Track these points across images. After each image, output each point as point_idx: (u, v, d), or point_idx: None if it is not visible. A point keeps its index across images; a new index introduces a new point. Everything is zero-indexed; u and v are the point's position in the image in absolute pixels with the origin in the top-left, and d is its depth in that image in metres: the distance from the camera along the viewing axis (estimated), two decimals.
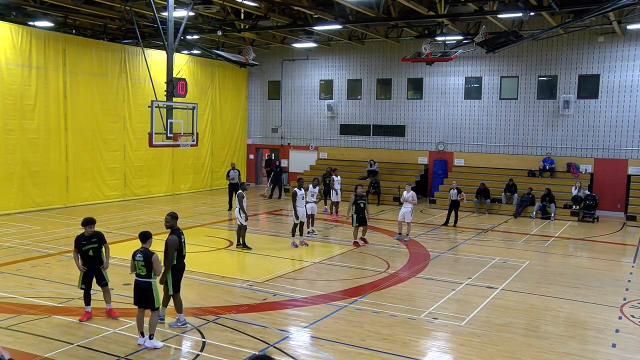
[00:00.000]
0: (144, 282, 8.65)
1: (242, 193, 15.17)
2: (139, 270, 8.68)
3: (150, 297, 8.59)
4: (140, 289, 8.66)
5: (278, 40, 27.75)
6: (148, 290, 8.61)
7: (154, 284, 8.67)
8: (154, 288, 8.65)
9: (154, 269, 8.60)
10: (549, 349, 8.84)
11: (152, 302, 8.60)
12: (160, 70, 21.55)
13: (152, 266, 8.57)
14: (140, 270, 8.67)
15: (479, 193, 23.29)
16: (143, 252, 8.67)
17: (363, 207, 15.98)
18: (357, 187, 16.23)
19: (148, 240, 8.85)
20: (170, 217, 9.38)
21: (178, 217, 9.54)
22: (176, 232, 9.29)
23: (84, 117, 22.85)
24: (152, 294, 8.60)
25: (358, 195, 15.98)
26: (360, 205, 15.87)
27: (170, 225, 9.34)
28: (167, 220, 9.39)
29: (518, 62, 24.99)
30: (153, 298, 8.60)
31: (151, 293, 8.60)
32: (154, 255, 8.59)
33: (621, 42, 23.02)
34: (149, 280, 8.65)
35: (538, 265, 14.54)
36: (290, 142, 31.08)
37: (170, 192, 27.16)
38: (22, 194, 20.80)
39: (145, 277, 8.65)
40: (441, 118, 26.89)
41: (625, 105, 23.13)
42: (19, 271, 12.72)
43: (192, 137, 17.76)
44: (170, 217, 9.39)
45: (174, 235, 9.20)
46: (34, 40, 20.91)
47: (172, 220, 9.37)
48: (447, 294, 11.59)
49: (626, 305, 11.20)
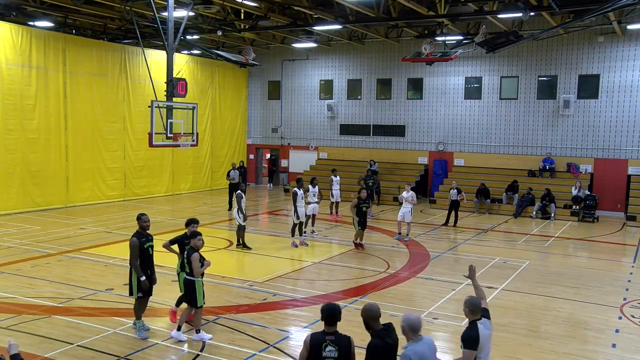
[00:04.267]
0: (188, 279, 8.79)
1: (240, 193, 15.16)
2: (185, 267, 8.85)
3: (193, 294, 8.70)
4: (184, 284, 8.86)
5: (278, 40, 27.76)
6: (191, 288, 8.74)
7: (197, 282, 8.74)
8: (197, 286, 8.72)
9: (193, 268, 8.66)
10: (549, 349, 8.84)
11: (194, 299, 8.72)
12: (160, 70, 21.55)
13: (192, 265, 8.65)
14: (185, 267, 8.85)
15: (479, 193, 23.29)
16: (187, 250, 8.86)
17: (365, 211, 15.61)
18: (360, 191, 15.69)
19: (193, 239, 8.98)
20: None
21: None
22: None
23: (84, 117, 22.85)
24: (195, 292, 8.70)
25: (361, 199, 15.41)
26: (362, 209, 15.43)
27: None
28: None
29: (518, 62, 24.99)
30: (195, 296, 8.70)
31: (194, 291, 8.70)
32: (194, 255, 8.65)
33: (621, 42, 23.02)
34: (192, 278, 8.73)
35: (538, 265, 14.54)
36: (290, 142, 31.08)
37: (170, 192, 27.16)
38: (22, 194, 20.81)
39: (189, 275, 8.77)
40: (441, 118, 26.89)
41: (625, 105, 23.13)
42: (19, 271, 12.72)
43: (192, 137, 17.78)
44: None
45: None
46: (34, 40, 20.91)
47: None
48: (447, 294, 11.59)
49: (626, 305, 11.20)
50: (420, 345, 5.10)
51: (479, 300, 5.87)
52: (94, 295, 11.04)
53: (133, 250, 8.83)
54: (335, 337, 5.21)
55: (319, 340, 5.21)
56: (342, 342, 5.19)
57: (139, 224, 9.06)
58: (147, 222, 9.10)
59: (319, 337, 5.22)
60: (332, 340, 5.18)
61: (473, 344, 5.52)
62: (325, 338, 5.19)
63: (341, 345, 5.18)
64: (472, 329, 5.61)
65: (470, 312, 5.74)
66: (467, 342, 5.57)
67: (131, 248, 8.83)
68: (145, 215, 9.19)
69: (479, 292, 6.42)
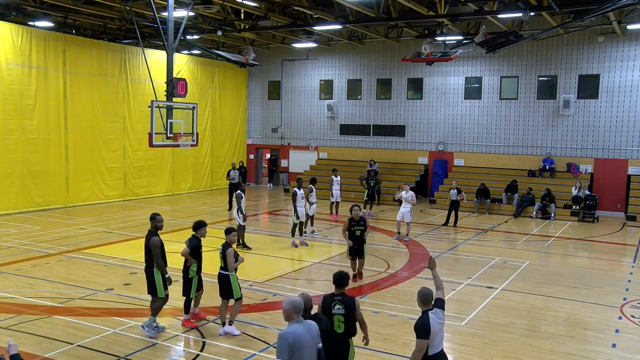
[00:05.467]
0: (222, 274, 9.06)
1: (240, 193, 15.17)
2: (220, 262, 9.09)
3: (229, 288, 8.99)
4: (219, 280, 9.12)
5: (278, 40, 27.76)
6: (226, 282, 9.00)
7: (231, 277, 8.99)
8: (232, 280, 8.99)
9: (227, 263, 8.93)
10: (549, 349, 8.84)
11: (231, 293, 9.00)
12: (160, 70, 21.55)
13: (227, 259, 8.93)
14: (220, 263, 9.08)
15: (479, 193, 23.29)
16: (223, 246, 9.10)
17: (360, 236, 12.07)
18: (352, 208, 12.21)
19: (228, 235, 9.27)
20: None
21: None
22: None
23: (84, 117, 22.85)
24: (231, 286, 8.98)
25: (354, 219, 12.09)
26: (355, 232, 12.05)
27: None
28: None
29: (518, 62, 24.99)
30: (232, 289, 8.99)
31: (229, 285, 8.98)
32: (229, 250, 8.97)
33: (621, 42, 23.02)
34: (227, 273, 8.98)
35: (538, 265, 14.54)
36: (290, 142, 31.08)
37: (170, 192, 27.16)
38: (22, 194, 20.81)
39: (224, 270, 9.03)
40: (441, 118, 26.90)
41: (625, 105, 23.13)
42: (19, 271, 12.72)
43: (192, 137, 17.77)
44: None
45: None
46: (34, 41, 20.91)
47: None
48: (447, 294, 11.53)
49: (626, 305, 11.20)
50: (299, 327, 5.22)
51: (430, 291, 6.04)
52: (94, 295, 11.04)
53: (157, 249, 8.88)
54: (342, 297, 6.43)
55: (329, 300, 6.43)
56: (347, 302, 6.40)
57: (153, 223, 9.06)
58: (162, 222, 9.20)
59: (329, 298, 6.46)
60: (339, 300, 6.39)
61: (424, 333, 5.78)
62: (334, 298, 6.41)
63: (346, 303, 6.40)
64: (423, 319, 5.87)
65: (422, 302, 5.98)
66: (418, 332, 5.82)
67: (155, 247, 8.86)
68: (160, 215, 9.25)
69: (437, 282, 6.64)
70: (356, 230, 11.96)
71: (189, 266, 9.34)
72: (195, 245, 9.41)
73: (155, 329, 8.99)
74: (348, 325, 6.41)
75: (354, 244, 12.05)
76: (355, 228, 11.99)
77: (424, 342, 5.80)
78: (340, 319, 6.37)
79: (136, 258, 14.06)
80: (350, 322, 6.41)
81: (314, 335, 5.29)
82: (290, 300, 5.32)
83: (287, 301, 5.32)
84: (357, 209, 12.11)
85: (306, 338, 5.17)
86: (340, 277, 6.50)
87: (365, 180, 22.49)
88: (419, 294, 6.01)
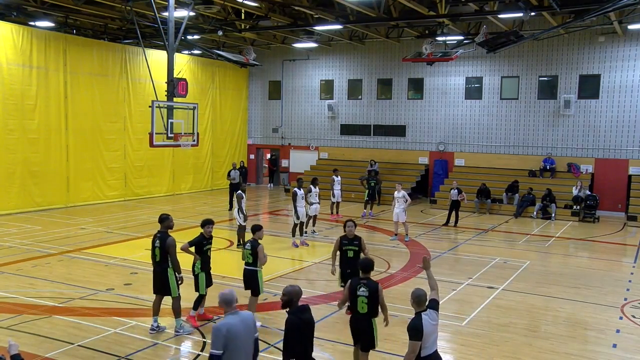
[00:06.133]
0: (250, 270, 9.41)
1: (241, 193, 15.17)
2: (247, 258, 9.42)
3: (256, 283, 9.35)
4: (246, 275, 9.45)
5: (279, 40, 27.76)
6: (253, 277, 9.35)
7: (258, 272, 9.38)
8: (259, 276, 9.38)
9: (259, 259, 9.29)
10: (549, 349, 8.84)
11: (256, 288, 9.36)
12: (160, 70, 21.54)
13: (258, 255, 9.30)
14: (247, 259, 9.42)
15: (480, 193, 23.29)
16: (252, 243, 9.42)
17: (353, 257, 9.59)
18: (346, 224, 9.87)
19: (257, 232, 9.56)
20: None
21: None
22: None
23: (85, 117, 22.86)
24: (257, 281, 9.34)
25: (347, 237, 9.76)
26: (347, 253, 9.68)
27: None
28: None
29: (519, 62, 24.99)
30: (258, 285, 9.35)
31: (256, 280, 9.34)
32: (260, 246, 9.33)
33: (622, 42, 23.01)
34: (255, 269, 9.34)
35: (539, 265, 14.54)
36: (291, 142, 31.09)
37: (171, 192, 27.17)
38: (23, 194, 20.82)
39: (251, 265, 9.38)
40: (442, 118, 26.89)
41: (626, 105, 23.11)
42: (20, 271, 12.73)
43: (192, 137, 17.77)
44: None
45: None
46: (35, 41, 20.92)
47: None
48: (447, 294, 11.59)
49: (627, 305, 11.20)
50: (234, 319, 5.39)
51: (423, 292, 6.08)
52: (95, 295, 11.05)
53: (174, 249, 8.96)
54: (367, 281, 7.09)
55: (356, 283, 7.11)
56: (372, 286, 7.05)
57: (166, 223, 9.13)
58: (173, 222, 9.33)
59: (356, 281, 7.13)
60: (364, 283, 7.06)
61: (417, 334, 5.83)
62: (360, 282, 7.09)
63: (370, 287, 7.05)
64: (416, 320, 5.92)
65: (415, 303, 6.05)
66: (411, 333, 5.88)
67: (172, 247, 8.93)
68: (171, 215, 9.35)
69: (431, 282, 6.66)
70: (349, 251, 9.63)
71: (194, 263, 9.46)
72: (198, 242, 9.45)
73: (157, 329, 9.03)
74: (370, 307, 7.07)
75: (347, 268, 9.61)
76: (348, 248, 9.69)
77: (416, 344, 5.83)
78: (363, 300, 7.04)
79: (137, 258, 14.10)
80: (373, 304, 7.06)
81: (249, 326, 5.46)
82: (221, 294, 5.53)
83: (219, 295, 5.55)
84: (351, 225, 9.79)
85: (240, 329, 5.35)
86: (367, 263, 7.27)
87: (365, 180, 22.52)
88: (413, 295, 6.07)
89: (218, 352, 5.21)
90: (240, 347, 5.32)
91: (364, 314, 7.07)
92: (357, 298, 7.05)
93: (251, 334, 5.48)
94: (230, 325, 5.32)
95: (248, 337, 5.44)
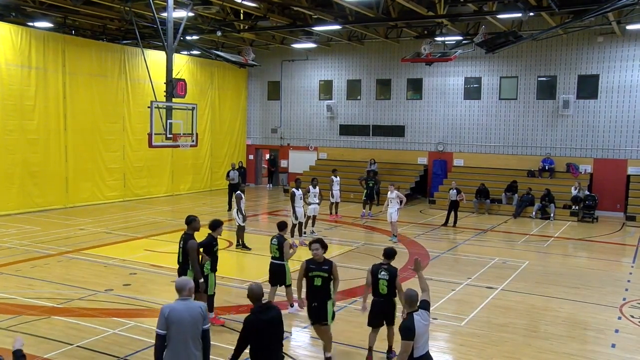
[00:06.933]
0: (277, 264, 10.08)
1: (240, 194, 15.17)
2: (274, 253, 10.08)
3: (283, 276, 10.05)
4: (273, 269, 10.08)
5: (277, 40, 27.76)
6: (281, 270, 10.01)
7: (285, 265, 10.06)
8: (286, 269, 10.06)
9: (284, 253, 9.98)
10: (548, 349, 8.85)
11: (284, 280, 10.10)
12: (159, 70, 21.50)
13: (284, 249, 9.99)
14: (274, 253, 10.07)
15: (479, 193, 23.30)
16: (278, 238, 10.11)
17: (321, 286, 7.90)
18: (311, 245, 8.11)
19: (284, 229, 10.40)
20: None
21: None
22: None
23: (84, 117, 22.84)
24: (285, 274, 10.04)
25: (316, 262, 8.00)
26: (314, 281, 7.94)
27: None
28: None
29: (517, 62, 25.00)
30: (285, 277, 10.07)
31: (284, 273, 10.03)
32: (286, 242, 10.09)
33: (620, 42, 23.03)
34: (282, 262, 10.02)
35: (538, 265, 14.55)
36: (290, 142, 31.09)
37: (170, 193, 27.16)
38: (22, 195, 20.80)
39: (278, 260, 10.06)
40: (441, 118, 26.90)
41: (625, 105, 23.14)
42: (19, 272, 12.72)
43: (191, 138, 17.78)
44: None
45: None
46: (34, 41, 20.90)
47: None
48: (446, 294, 11.60)
49: (626, 305, 11.20)
50: (180, 305, 5.61)
51: (415, 292, 6.20)
52: (94, 296, 11.04)
53: (195, 253, 9.03)
54: (387, 266, 8.15)
55: (377, 267, 8.17)
56: (391, 270, 8.13)
57: (193, 225, 9.16)
58: (200, 224, 9.41)
59: (378, 265, 8.20)
60: (385, 268, 8.11)
61: (409, 334, 5.93)
62: (381, 266, 8.16)
63: (390, 271, 8.08)
64: (407, 321, 6.03)
65: (407, 304, 6.19)
66: (403, 334, 5.97)
67: (193, 250, 8.99)
68: (198, 217, 9.45)
69: (422, 284, 6.81)
70: (316, 278, 7.89)
71: (203, 264, 9.43)
72: (207, 243, 9.44)
73: None
74: (390, 289, 8.03)
75: (313, 299, 7.90)
76: (315, 274, 7.90)
77: (408, 344, 5.91)
78: (384, 283, 8.01)
79: (136, 259, 14.10)
80: (392, 286, 8.03)
81: (194, 315, 5.59)
82: (176, 280, 5.89)
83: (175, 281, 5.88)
84: (317, 248, 7.98)
85: (184, 315, 5.54)
86: (389, 252, 8.29)
87: (364, 181, 22.52)
88: (405, 296, 6.20)
89: (160, 331, 5.53)
90: (181, 333, 5.50)
91: (384, 295, 8.03)
92: (378, 281, 8.00)
93: (197, 323, 5.59)
94: (173, 309, 5.56)
95: (193, 326, 5.57)
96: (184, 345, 5.52)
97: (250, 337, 5.77)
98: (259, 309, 5.84)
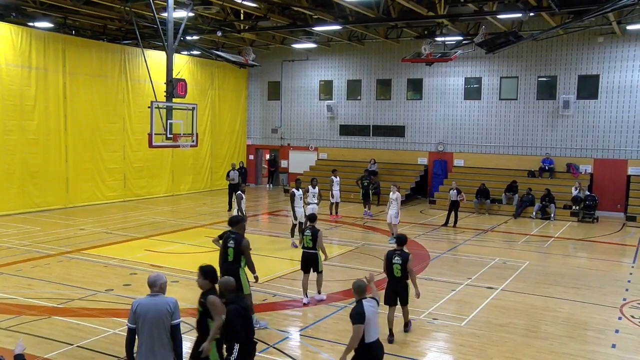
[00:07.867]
0: (311, 252, 10.80)
1: (241, 194, 15.19)
2: (307, 243, 10.79)
3: (316, 264, 10.78)
4: (307, 258, 10.81)
5: (278, 40, 27.77)
6: (314, 259, 10.77)
7: (318, 254, 10.80)
8: (319, 258, 10.79)
9: (318, 243, 10.71)
10: (548, 349, 8.84)
11: (317, 266, 10.81)
12: (160, 71, 21.52)
13: (318, 240, 10.71)
14: (308, 244, 10.79)
15: (479, 193, 23.29)
16: (311, 229, 10.83)
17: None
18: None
19: (315, 220, 11.25)
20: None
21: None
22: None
23: (84, 117, 22.84)
24: (317, 262, 10.78)
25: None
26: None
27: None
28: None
29: (518, 62, 25.00)
30: (318, 265, 10.78)
31: (316, 261, 10.78)
32: (320, 232, 10.83)
33: (621, 43, 23.03)
34: (315, 252, 10.77)
35: (538, 265, 14.54)
36: (290, 142, 31.09)
37: (170, 193, 27.16)
38: (22, 195, 20.80)
39: (311, 249, 10.77)
40: (441, 118, 26.90)
41: (625, 105, 23.14)
42: (19, 272, 12.72)
43: (191, 138, 17.78)
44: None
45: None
46: (34, 41, 20.90)
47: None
48: (446, 295, 11.60)
49: (626, 305, 11.20)
50: (148, 300, 5.76)
51: (363, 283, 6.86)
52: (94, 296, 11.04)
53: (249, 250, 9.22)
54: (400, 252, 9.13)
55: (392, 252, 9.16)
56: (404, 255, 9.07)
57: (241, 225, 9.30)
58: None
59: (392, 251, 9.18)
60: (398, 253, 9.09)
61: (359, 318, 6.35)
62: (395, 252, 9.13)
63: (403, 257, 9.05)
64: (357, 307, 6.51)
65: (356, 292, 6.73)
66: (354, 318, 6.39)
67: (247, 248, 9.15)
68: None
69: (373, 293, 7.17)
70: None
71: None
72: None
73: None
74: (403, 272, 9.03)
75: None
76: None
77: (360, 327, 6.29)
78: (398, 267, 9.02)
79: (136, 259, 14.10)
80: (405, 270, 9.01)
81: (161, 310, 5.67)
82: (149, 276, 5.98)
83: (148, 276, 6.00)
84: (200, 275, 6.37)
85: (151, 310, 5.66)
86: (402, 238, 9.43)
87: (359, 180, 22.70)
88: (354, 286, 6.76)
89: (129, 325, 5.73)
90: (146, 328, 5.63)
91: (398, 277, 9.08)
92: (392, 265, 9.04)
93: (164, 319, 5.67)
94: (141, 303, 5.72)
95: (159, 321, 5.66)
96: (149, 340, 5.66)
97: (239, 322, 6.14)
98: (235, 299, 6.31)
